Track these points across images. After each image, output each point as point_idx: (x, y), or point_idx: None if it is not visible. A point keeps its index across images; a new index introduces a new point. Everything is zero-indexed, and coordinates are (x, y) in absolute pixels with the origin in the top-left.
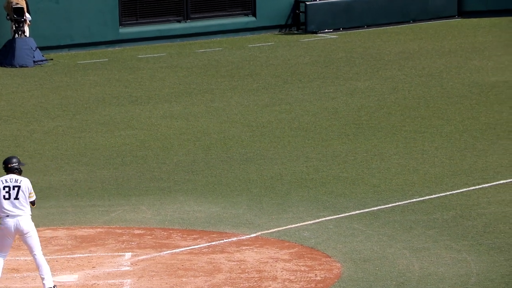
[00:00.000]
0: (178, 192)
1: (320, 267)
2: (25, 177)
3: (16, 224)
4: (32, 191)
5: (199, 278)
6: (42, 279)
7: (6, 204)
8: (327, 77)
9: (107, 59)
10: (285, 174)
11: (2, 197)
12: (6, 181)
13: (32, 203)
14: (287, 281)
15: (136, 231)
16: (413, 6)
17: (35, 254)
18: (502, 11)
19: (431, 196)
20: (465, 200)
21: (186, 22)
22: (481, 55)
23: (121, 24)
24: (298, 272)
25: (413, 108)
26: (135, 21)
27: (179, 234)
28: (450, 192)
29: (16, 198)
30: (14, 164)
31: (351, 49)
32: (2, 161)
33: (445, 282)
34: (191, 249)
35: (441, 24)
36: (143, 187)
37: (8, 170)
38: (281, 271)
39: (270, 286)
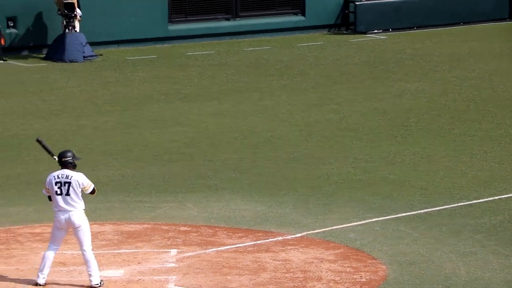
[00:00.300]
0: (225, 190)
1: (365, 269)
2: (78, 171)
3: (68, 218)
4: (87, 184)
5: (244, 276)
6: (89, 275)
7: (59, 199)
8: (376, 78)
9: (156, 56)
10: (332, 175)
11: (54, 192)
12: (58, 176)
13: (92, 192)
14: (332, 282)
15: (182, 228)
16: (463, 8)
17: (84, 250)
18: None
19: (479, 200)
20: None
21: (235, 20)
22: None
23: (170, 21)
24: (343, 273)
25: (462, 111)
26: (184, 19)
27: (224, 232)
28: (499, 197)
29: (67, 194)
30: (68, 159)
31: (401, 50)
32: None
33: (492, 287)
34: (236, 247)
35: (492, 26)
36: (190, 184)
37: (62, 164)
38: (326, 272)
39: (315, 286)
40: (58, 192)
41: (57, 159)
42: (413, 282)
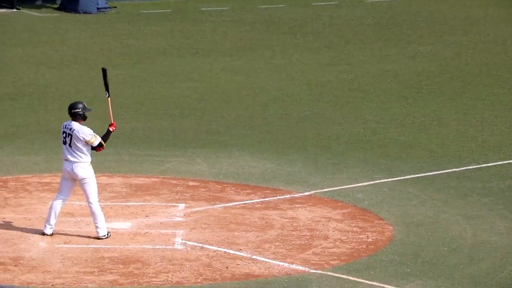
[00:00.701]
0: (234, 146)
1: (372, 229)
2: (85, 125)
3: (71, 169)
4: (91, 138)
5: (251, 233)
6: (96, 227)
7: (64, 148)
8: (389, 40)
9: (170, 10)
10: (342, 135)
11: (62, 141)
12: (65, 126)
13: (100, 145)
14: (338, 241)
15: (191, 183)
16: None
17: (90, 202)
18: None
19: (488, 164)
20: None
21: None
22: None
23: None
24: (350, 233)
25: (475, 75)
26: None
27: (233, 188)
28: (508, 161)
29: (70, 145)
30: (78, 110)
31: (416, 12)
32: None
33: (497, 251)
34: (244, 203)
35: None
36: (199, 139)
37: (72, 115)
38: (333, 231)
39: (321, 245)
40: (63, 141)
41: (107, 94)
42: (419, 244)
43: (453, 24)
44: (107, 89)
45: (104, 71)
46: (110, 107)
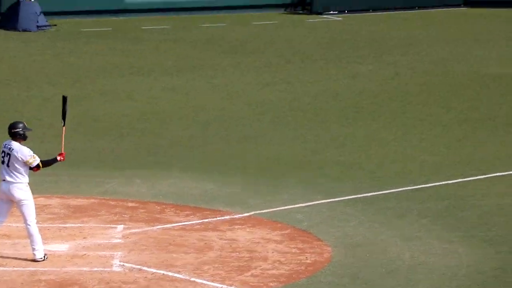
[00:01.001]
0: (174, 167)
1: (311, 250)
2: (25, 145)
3: (8, 190)
4: (30, 158)
5: (190, 254)
6: (33, 249)
7: (3, 168)
8: (330, 59)
9: (110, 28)
10: (282, 155)
11: (0, 161)
12: (4, 146)
13: (37, 166)
14: (277, 262)
15: (130, 204)
16: None
17: (28, 224)
18: (507, 2)
19: (427, 185)
20: (460, 191)
21: None
22: (485, 46)
23: None
24: (289, 254)
25: (414, 95)
26: None
27: (172, 209)
28: (446, 182)
29: (8, 165)
30: (18, 130)
31: (356, 32)
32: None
33: (434, 273)
34: (183, 225)
35: (447, 12)
36: (139, 160)
37: (12, 135)
38: (272, 252)
39: (260, 266)
40: (2, 161)
41: (63, 123)
42: (357, 265)
43: (393, 44)
44: (64, 117)
45: (64, 99)
46: (63, 137)
